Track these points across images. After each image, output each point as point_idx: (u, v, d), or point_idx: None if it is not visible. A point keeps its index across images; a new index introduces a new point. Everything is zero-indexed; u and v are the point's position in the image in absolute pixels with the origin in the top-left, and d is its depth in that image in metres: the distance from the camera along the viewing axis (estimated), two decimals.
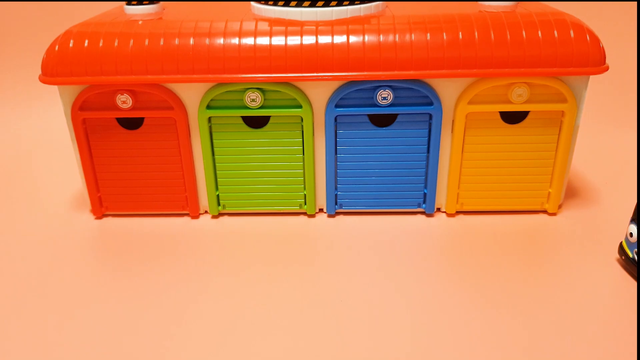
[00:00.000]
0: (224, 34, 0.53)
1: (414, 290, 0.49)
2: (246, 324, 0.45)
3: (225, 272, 0.52)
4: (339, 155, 0.57)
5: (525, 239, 0.56)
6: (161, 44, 0.52)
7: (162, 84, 0.54)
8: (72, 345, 0.44)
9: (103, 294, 0.49)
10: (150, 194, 0.59)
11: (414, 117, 0.55)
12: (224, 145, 0.57)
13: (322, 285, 0.50)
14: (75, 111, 0.55)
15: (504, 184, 0.58)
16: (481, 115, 0.55)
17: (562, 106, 0.54)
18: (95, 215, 0.61)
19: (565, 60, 0.52)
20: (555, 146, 0.56)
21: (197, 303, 0.48)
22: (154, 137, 0.57)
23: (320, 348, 0.43)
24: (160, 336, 0.44)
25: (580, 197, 0.63)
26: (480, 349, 0.42)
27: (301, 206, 0.60)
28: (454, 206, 0.60)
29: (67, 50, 0.53)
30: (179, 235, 0.58)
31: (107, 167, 0.58)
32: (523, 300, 0.47)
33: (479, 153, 0.57)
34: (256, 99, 0.54)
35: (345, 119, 0.55)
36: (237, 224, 0.59)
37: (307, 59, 0.52)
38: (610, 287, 0.49)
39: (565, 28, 0.52)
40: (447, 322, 0.45)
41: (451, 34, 0.52)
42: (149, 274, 0.52)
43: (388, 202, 0.59)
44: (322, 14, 0.55)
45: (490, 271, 0.51)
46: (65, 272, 0.52)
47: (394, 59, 0.52)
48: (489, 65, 0.52)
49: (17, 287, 0.51)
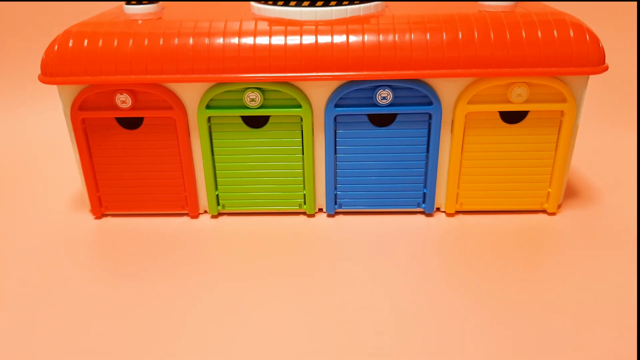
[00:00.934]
0: (224, 33, 0.53)
1: (413, 290, 0.49)
2: (245, 323, 0.45)
3: (225, 272, 0.52)
4: (339, 155, 0.57)
5: (524, 238, 0.56)
6: (161, 44, 0.52)
7: (162, 83, 0.54)
8: (71, 345, 0.44)
9: (102, 294, 0.49)
10: (150, 193, 0.59)
11: (413, 116, 0.55)
12: (224, 145, 0.57)
13: (321, 285, 0.50)
14: (75, 111, 0.55)
15: (503, 184, 0.58)
16: (481, 115, 0.55)
17: (561, 106, 0.54)
18: (95, 215, 0.61)
19: (564, 60, 0.52)
20: (554, 146, 0.56)
21: (197, 303, 0.48)
22: (154, 137, 0.57)
23: (319, 348, 0.43)
24: (160, 336, 0.44)
25: (579, 197, 0.63)
26: (480, 348, 0.42)
27: (301, 206, 0.60)
28: (454, 206, 0.60)
29: (66, 50, 0.53)
30: (179, 235, 0.58)
31: (107, 166, 0.58)
32: (522, 300, 0.47)
33: (479, 153, 0.57)
34: (256, 99, 0.54)
35: (345, 118, 0.55)
36: (236, 224, 0.59)
37: (307, 59, 0.52)
38: (609, 287, 0.49)
39: (564, 28, 0.52)
40: (446, 322, 0.45)
41: (451, 33, 0.52)
42: (148, 274, 0.52)
43: (387, 202, 0.59)
44: (321, 14, 0.55)
45: (489, 271, 0.51)
46: (65, 271, 0.52)
47: (394, 59, 0.52)
48: (489, 65, 0.52)
49: (16, 286, 0.51)
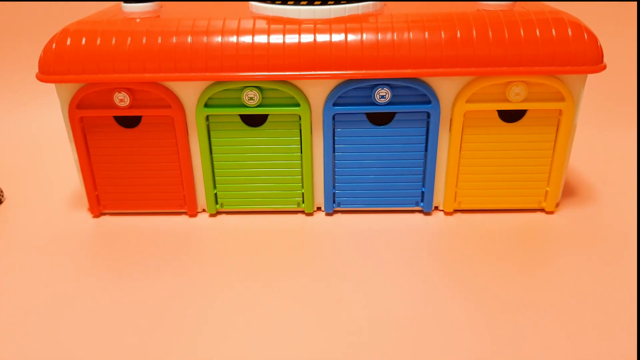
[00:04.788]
0: (222, 32, 0.53)
1: (411, 289, 0.49)
2: (244, 323, 0.45)
3: (223, 271, 0.52)
4: (337, 153, 0.57)
5: (522, 237, 0.56)
6: (159, 42, 0.52)
7: (160, 82, 0.54)
8: (69, 344, 0.44)
9: (100, 293, 0.49)
10: (148, 192, 0.59)
11: (412, 115, 0.55)
12: (222, 144, 0.57)
13: (319, 283, 0.50)
14: (73, 109, 0.55)
15: (501, 183, 0.58)
16: (479, 114, 0.55)
17: (559, 105, 0.54)
18: (93, 213, 0.61)
19: (563, 59, 0.52)
20: (552, 145, 0.56)
21: (195, 301, 0.48)
22: (152, 136, 0.56)
23: (318, 347, 0.43)
24: (158, 335, 0.44)
25: (577, 196, 0.63)
26: (479, 347, 0.43)
27: (299, 204, 0.60)
28: (452, 204, 0.60)
29: (64, 48, 0.53)
30: (177, 233, 0.58)
31: (105, 165, 0.58)
32: (520, 299, 0.47)
33: (477, 151, 0.57)
34: (254, 97, 0.54)
35: (343, 117, 0.55)
36: (234, 223, 0.59)
37: (305, 57, 0.52)
38: (608, 286, 0.49)
39: (563, 27, 0.52)
40: (445, 321, 0.45)
41: (449, 32, 0.52)
42: (146, 273, 0.52)
43: (386, 201, 0.59)
44: (320, 12, 0.55)
45: (487, 269, 0.51)
46: (63, 270, 0.52)
47: (392, 58, 0.52)
48: (487, 64, 0.52)
49: (14, 285, 0.50)
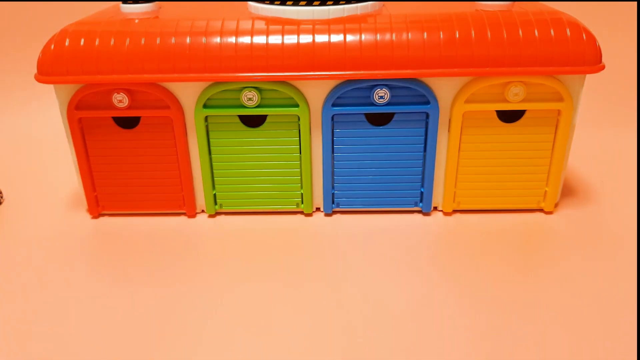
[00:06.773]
0: (221, 32, 0.53)
1: (410, 289, 0.49)
2: (243, 323, 0.45)
3: (222, 271, 0.52)
4: (336, 154, 0.57)
5: (521, 237, 0.56)
6: (157, 43, 0.52)
7: (159, 83, 0.54)
8: (67, 345, 0.44)
9: (99, 294, 0.49)
10: (147, 193, 0.59)
11: (410, 116, 0.55)
12: (221, 145, 0.57)
13: (318, 284, 0.50)
14: (71, 110, 0.55)
15: (500, 183, 0.58)
16: (478, 114, 0.55)
17: (558, 105, 0.54)
18: (92, 214, 0.61)
19: (561, 59, 0.52)
20: (551, 145, 0.56)
21: (194, 302, 0.48)
22: (151, 136, 0.56)
23: (317, 347, 0.43)
24: (158, 335, 0.44)
25: (576, 196, 0.64)
26: (478, 347, 0.43)
27: (298, 205, 0.60)
28: (451, 205, 0.60)
29: (62, 49, 0.53)
30: (176, 234, 0.58)
31: (104, 166, 0.58)
32: (520, 299, 0.47)
33: (476, 152, 0.57)
34: (253, 98, 0.54)
35: (342, 117, 0.55)
36: (234, 223, 0.59)
37: (304, 58, 0.52)
38: (607, 286, 0.49)
39: (561, 27, 0.52)
40: (444, 321, 0.45)
41: (448, 32, 0.52)
42: (145, 274, 0.52)
43: (385, 201, 0.59)
44: (318, 13, 0.55)
45: (486, 270, 0.51)
46: (61, 271, 0.52)
47: (391, 58, 0.52)
48: (486, 64, 0.52)
49: (13, 286, 0.50)
